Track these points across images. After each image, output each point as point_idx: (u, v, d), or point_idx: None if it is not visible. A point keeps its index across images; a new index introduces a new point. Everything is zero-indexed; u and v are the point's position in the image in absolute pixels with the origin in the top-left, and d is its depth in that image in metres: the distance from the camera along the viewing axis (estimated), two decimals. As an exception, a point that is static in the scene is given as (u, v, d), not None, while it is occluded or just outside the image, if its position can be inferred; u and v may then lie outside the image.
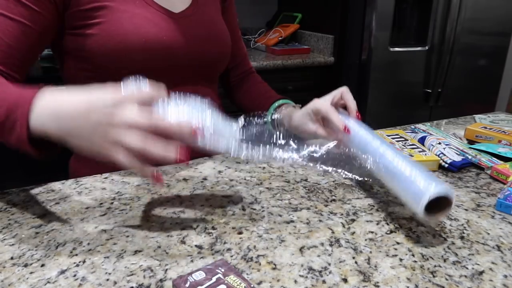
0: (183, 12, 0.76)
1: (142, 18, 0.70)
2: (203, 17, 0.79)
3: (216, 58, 0.82)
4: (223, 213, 0.58)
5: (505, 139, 0.83)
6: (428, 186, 0.49)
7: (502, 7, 1.99)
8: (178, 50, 0.74)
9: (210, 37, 0.79)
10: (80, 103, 0.48)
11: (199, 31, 0.77)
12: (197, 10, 0.78)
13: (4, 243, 0.51)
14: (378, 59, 1.86)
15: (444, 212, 0.51)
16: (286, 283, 0.44)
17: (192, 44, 0.75)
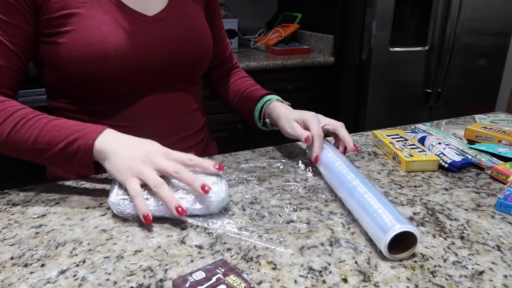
0: (157, 14, 0.73)
1: (111, 24, 0.67)
2: (180, 18, 0.76)
3: (196, 59, 0.79)
4: (223, 213, 0.58)
5: (505, 139, 0.83)
6: (391, 226, 0.47)
7: (502, 7, 1.99)
8: (152, 55, 0.71)
9: (188, 39, 0.76)
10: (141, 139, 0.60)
11: (175, 34, 0.74)
12: (173, 11, 0.75)
13: (4, 243, 0.51)
14: (378, 59, 1.86)
15: (411, 249, 0.48)
16: (286, 283, 0.44)
17: (168, 48, 0.73)
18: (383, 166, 0.76)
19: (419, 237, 0.47)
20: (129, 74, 0.70)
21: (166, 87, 0.76)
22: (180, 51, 0.74)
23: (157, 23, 0.72)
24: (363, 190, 0.55)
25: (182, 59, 0.76)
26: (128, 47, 0.68)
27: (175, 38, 0.74)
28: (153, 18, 0.72)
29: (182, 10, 0.77)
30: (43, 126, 0.60)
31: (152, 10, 0.73)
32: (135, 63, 0.70)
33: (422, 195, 0.65)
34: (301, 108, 0.80)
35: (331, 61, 2.03)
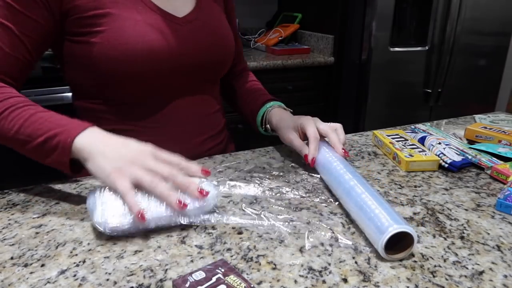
0: (186, 16, 0.74)
1: (145, 25, 0.68)
2: (207, 21, 0.77)
3: (220, 61, 0.80)
4: (223, 213, 0.58)
5: (505, 139, 0.83)
6: (387, 226, 0.47)
7: (502, 7, 1.99)
8: (182, 56, 0.72)
9: (214, 42, 0.77)
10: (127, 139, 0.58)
11: (203, 37, 0.75)
12: (200, 14, 0.76)
13: (4, 243, 0.51)
14: (378, 59, 1.86)
15: (408, 250, 0.48)
16: (286, 283, 0.44)
17: (197, 50, 0.74)
18: (383, 166, 0.76)
19: (415, 238, 0.47)
20: (161, 74, 0.71)
21: (192, 88, 0.77)
22: (207, 52, 0.76)
23: (186, 25, 0.73)
24: (361, 191, 0.55)
25: (208, 60, 0.77)
26: (162, 48, 0.69)
27: (202, 40, 0.75)
28: (182, 19, 0.73)
29: (208, 13, 0.78)
30: (28, 116, 0.59)
31: (180, 12, 0.74)
32: (168, 64, 0.70)
33: (422, 195, 0.65)
34: (302, 108, 0.80)
35: (331, 61, 2.03)
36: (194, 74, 0.76)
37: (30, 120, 0.58)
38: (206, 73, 0.78)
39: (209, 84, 0.81)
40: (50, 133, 0.57)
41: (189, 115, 0.78)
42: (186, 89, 0.76)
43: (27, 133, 0.58)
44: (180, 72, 0.73)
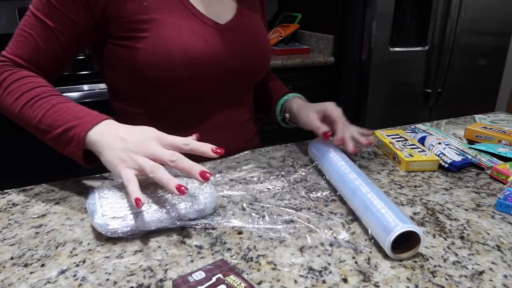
0: (228, 23, 0.74)
1: (189, 32, 0.68)
2: (248, 27, 0.77)
3: (258, 68, 0.81)
4: (223, 213, 0.58)
5: (505, 139, 0.83)
6: (394, 226, 0.48)
7: (502, 7, 1.99)
8: (222, 64, 0.72)
9: (254, 49, 0.77)
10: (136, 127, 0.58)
11: (244, 43, 0.75)
12: (242, 20, 0.76)
13: (4, 243, 0.51)
14: (378, 59, 1.86)
15: (414, 249, 0.48)
16: (286, 283, 0.44)
17: (237, 57, 0.74)
18: (383, 166, 0.76)
19: (422, 237, 0.47)
20: (203, 81, 0.71)
21: (229, 95, 0.78)
22: (246, 59, 0.76)
23: (229, 32, 0.73)
24: (366, 190, 0.55)
25: (247, 67, 0.77)
26: (205, 55, 0.69)
27: (243, 47, 0.75)
28: (225, 26, 0.73)
29: (249, 19, 0.78)
30: (50, 107, 0.60)
31: (223, 18, 0.73)
32: (210, 71, 0.71)
33: (422, 195, 0.65)
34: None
35: (331, 61, 2.03)
36: (232, 80, 0.76)
37: (51, 111, 0.60)
38: (244, 80, 0.79)
39: (245, 91, 0.82)
40: (68, 125, 0.58)
41: (223, 122, 0.78)
42: (222, 96, 0.77)
43: (47, 123, 0.59)
44: (219, 79, 0.73)
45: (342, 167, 0.63)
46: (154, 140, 0.55)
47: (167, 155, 0.53)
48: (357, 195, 0.56)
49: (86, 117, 0.59)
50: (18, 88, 0.63)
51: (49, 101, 0.61)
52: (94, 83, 1.55)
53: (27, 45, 0.65)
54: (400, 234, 0.47)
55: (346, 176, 0.60)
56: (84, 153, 0.58)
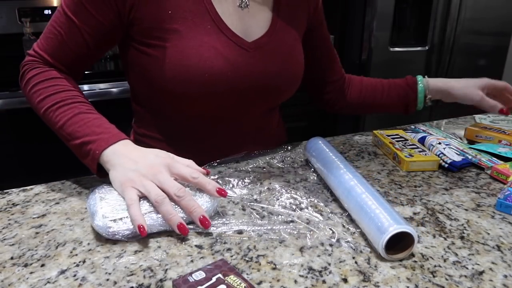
0: (257, 40, 0.70)
1: (210, 48, 0.65)
2: (278, 48, 0.72)
3: (284, 91, 0.77)
4: (223, 213, 0.58)
5: (505, 139, 0.83)
6: (387, 226, 0.47)
7: (502, 7, 1.99)
8: (244, 84, 0.69)
9: (281, 71, 0.73)
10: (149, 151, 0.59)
11: (270, 65, 0.71)
12: (274, 37, 0.72)
13: (4, 243, 0.51)
14: (378, 59, 1.86)
15: (408, 250, 0.48)
16: (286, 283, 0.44)
17: (261, 78, 0.71)
18: (383, 166, 0.76)
19: (416, 238, 0.47)
20: (217, 100, 0.69)
21: (246, 113, 0.76)
22: (271, 80, 0.72)
23: (255, 50, 0.70)
24: (361, 190, 0.55)
25: (271, 90, 0.74)
26: (224, 74, 0.66)
27: (269, 69, 0.71)
28: (252, 44, 0.69)
29: (282, 38, 0.73)
30: (72, 115, 0.62)
31: (252, 34, 0.70)
32: (227, 90, 0.68)
33: (422, 195, 0.65)
34: (302, 108, 0.80)
35: (331, 61, 2.03)
36: (252, 100, 0.73)
37: (72, 120, 0.61)
38: (265, 102, 0.76)
39: (266, 110, 0.79)
40: (86, 139, 0.59)
41: (239, 138, 0.77)
42: (239, 114, 0.75)
43: (68, 131, 0.61)
44: (238, 99, 0.71)
45: (338, 167, 0.63)
46: (164, 167, 0.56)
47: (173, 188, 0.53)
48: (352, 195, 0.56)
49: (103, 134, 0.60)
50: (45, 90, 0.64)
51: (72, 109, 0.62)
52: (94, 83, 1.56)
53: (55, 42, 0.66)
54: (394, 234, 0.47)
55: (342, 177, 0.60)
56: (98, 166, 0.60)
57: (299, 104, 2.06)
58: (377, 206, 0.51)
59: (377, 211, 0.50)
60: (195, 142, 0.76)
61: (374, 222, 0.49)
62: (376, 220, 0.49)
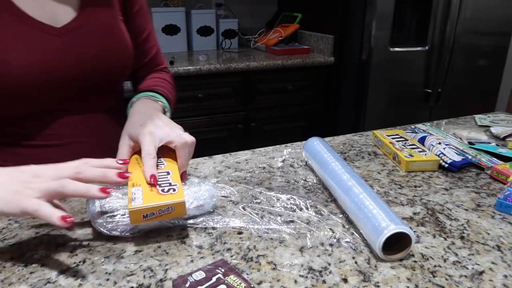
0: (66, 25, 0.65)
1: (12, 38, 0.59)
2: (94, 28, 0.68)
3: (114, 71, 0.72)
4: (223, 213, 0.58)
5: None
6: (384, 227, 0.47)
7: (502, 7, 1.99)
8: (61, 71, 0.64)
9: (104, 51, 0.68)
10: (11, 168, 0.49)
11: (89, 46, 0.67)
12: (86, 20, 0.67)
13: (4, 243, 0.51)
14: (378, 59, 1.86)
15: (406, 250, 0.48)
16: (286, 283, 0.44)
17: (81, 62, 0.66)
18: (383, 166, 0.76)
19: (413, 238, 0.47)
20: (38, 92, 0.63)
21: (83, 101, 0.70)
22: (91, 63, 0.67)
23: (66, 35, 0.65)
24: (359, 191, 0.55)
25: (98, 72, 0.69)
26: (33, 64, 0.61)
27: (88, 50, 0.67)
28: (61, 30, 0.64)
29: (96, 18, 0.68)
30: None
31: (60, 21, 0.65)
32: (43, 80, 0.63)
33: (422, 195, 0.65)
34: (302, 108, 0.79)
35: (331, 61, 2.03)
36: (82, 87, 0.68)
37: None
38: (97, 85, 0.71)
39: (104, 94, 0.74)
40: None
41: (83, 129, 0.71)
42: (76, 103, 0.69)
43: None
44: (62, 88, 0.66)
45: (336, 167, 0.63)
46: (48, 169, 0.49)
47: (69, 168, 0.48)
48: (349, 196, 0.56)
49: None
50: None
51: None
52: None
53: None
54: (392, 235, 0.47)
55: (340, 177, 0.60)
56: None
57: (299, 104, 2.06)
58: (375, 206, 0.51)
59: (375, 211, 0.50)
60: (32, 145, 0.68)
61: (371, 222, 0.49)
62: (373, 220, 0.49)
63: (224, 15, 2.34)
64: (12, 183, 0.46)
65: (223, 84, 1.86)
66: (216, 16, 2.23)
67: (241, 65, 1.84)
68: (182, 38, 2.17)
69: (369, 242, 0.50)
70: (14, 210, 0.45)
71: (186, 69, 1.74)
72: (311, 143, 0.73)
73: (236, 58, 2.01)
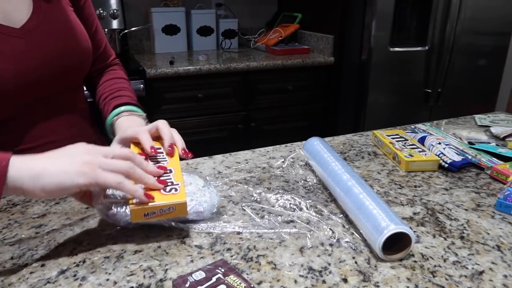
0: (25, 25, 0.63)
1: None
2: (52, 25, 0.66)
3: (76, 66, 0.71)
4: (223, 213, 0.58)
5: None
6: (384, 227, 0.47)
7: (502, 7, 1.99)
8: (27, 72, 0.62)
9: (65, 48, 0.67)
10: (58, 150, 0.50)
11: (50, 44, 0.65)
12: (42, 18, 0.65)
13: (4, 243, 0.51)
14: (378, 59, 1.86)
15: (406, 250, 0.48)
16: (286, 283, 0.44)
17: (45, 61, 0.64)
18: (383, 166, 0.76)
19: (413, 238, 0.47)
20: (8, 98, 0.62)
21: (53, 100, 0.69)
22: (58, 62, 0.67)
23: (28, 36, 0.63)
24: (358, 191, 0.55)
25: (62, 69, 0.68)
26: (1, 69, 0.59)
27: (50, 49, 0.65)
28: (21, 30, 0.63)
29: (50, 14, 0.67)
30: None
31: (17, 20, 0.63)
32: (12, 86, 0.61)
33: (422, 195, 0.65)
34: (302, 108, 0.79)
35: (331, 61, 2.03)
36: (47, 86, 0.67)
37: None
38: (62, 82, 0.70)
39: (70, 90, 0.73)
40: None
41: (54, 127, 0.70)
42: (43, 102, 0.68)
43: None
44: (29, 89, 0.64)
45: (336, 167, 0.63)
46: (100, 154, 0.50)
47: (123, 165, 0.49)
48: (349, 196, 0.56)
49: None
50: None
51: None
52: None
53: None
54: (392, 235, 0.47)
55: (340, 177, 0.60)
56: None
57: (299, 104, 2.06)
58: (375, 206, 0.51)
59: (374, 211, 0.50)
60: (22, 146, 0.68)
61: (371, 222, 0.49)
62: (373, 220, 0.49)
63: (224, 15, 2.33)
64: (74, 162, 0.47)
65: (223, 84, 1.86)
66: (216, 16, 2.23)
67: (241, 65, 1.84)
68: (182, 38, 2.17)
69: (369, 242, 0.50)
70: (89, 180, 0.46)
71: (186, 69, 1.74)
72: (311, 143, 0.73)
73: (236, 58, 2.01)
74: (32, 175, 0.46)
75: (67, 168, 0.47)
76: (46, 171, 0.46)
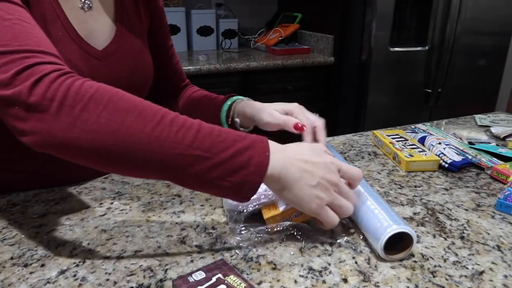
0: (106, 48, 0.66)
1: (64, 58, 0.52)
2: (127, 53, 0.69)
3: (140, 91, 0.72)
4: (223, 213, 0.58)
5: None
6: (386, 227, 0.47)
7: (502, 7, 1.99)
8: None
9: (132, 78, 0.70)
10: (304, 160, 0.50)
11: (122, 73, 0.68)
12: (122, 44, 0.68)
13: (4, 243, 0.51)
14: (378, 59, 1.86)
15: (407, 250, 0.48)
16: (286, 283, 0.44)
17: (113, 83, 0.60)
18: (383, 166, 0.76)
19: (415, 238, 0.47)
20: None
21: None
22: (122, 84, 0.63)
23: (105, 59, 0.66)
24: (360, 190, 0.55)
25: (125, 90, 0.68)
26: None
27: (121, 75, 0.68)
28: (102, 53, 0.65)
29: (129, 40, 0.70)
30: (198, 127, 0.46)
31: (99, 42, 0.65)
32: None
33: (422, 195, 0.65)
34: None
35: (331, 61, 2.03)
36: None
37: (203, 132, 0.45)
38: None
39: None
40: (239, 146, 0.45)
41: None
42: None
43: (204, 147, 0.44)
44: None
45: None
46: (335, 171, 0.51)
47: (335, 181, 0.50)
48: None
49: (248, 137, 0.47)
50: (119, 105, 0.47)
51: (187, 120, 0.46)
52: None
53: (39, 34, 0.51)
54: (393, 235, 0.47)
55: None
56: None
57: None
58: (376, 206, 0.51)
59: (376, 211, 0.50)
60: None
61: (373, 222, 0.49)
62: (375, 220, 0.49)
63: (224, 15, 2.34)
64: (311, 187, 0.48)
65: (223, 84, 1.86)
66: (216, 16, 2.23)
67: (241, 65, 1.84)
68: (182, 38, 2.17)
69: (370, 242, 0.50)
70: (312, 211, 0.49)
71: (186, 69, 1.74)
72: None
73: (236, 58, 2.01)
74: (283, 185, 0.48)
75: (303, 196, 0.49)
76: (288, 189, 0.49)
